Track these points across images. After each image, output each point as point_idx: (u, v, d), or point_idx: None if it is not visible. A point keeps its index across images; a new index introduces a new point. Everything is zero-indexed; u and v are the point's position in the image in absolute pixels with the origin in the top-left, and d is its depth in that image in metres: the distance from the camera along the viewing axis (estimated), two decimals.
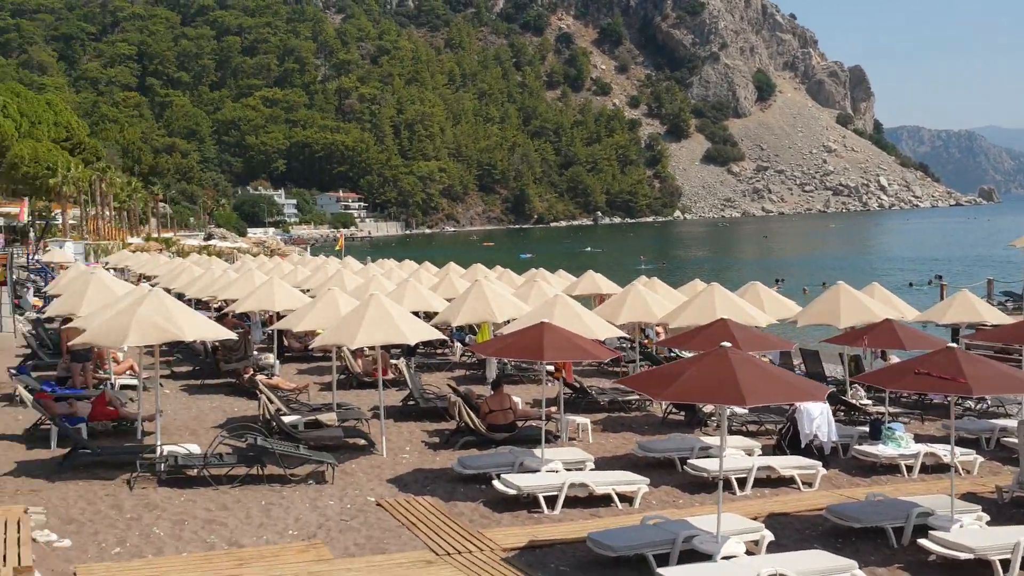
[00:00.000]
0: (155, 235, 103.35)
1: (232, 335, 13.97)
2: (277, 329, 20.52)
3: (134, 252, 52.50)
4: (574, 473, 12.25)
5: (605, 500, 12.00)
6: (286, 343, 23.01)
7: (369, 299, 14.09)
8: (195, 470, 12.55)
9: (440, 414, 17.37)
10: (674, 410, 17.50)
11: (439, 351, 26.12)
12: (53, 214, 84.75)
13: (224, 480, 12.57)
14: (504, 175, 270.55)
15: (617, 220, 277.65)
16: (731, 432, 16.00)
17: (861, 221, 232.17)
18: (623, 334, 18.54)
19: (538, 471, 12.43)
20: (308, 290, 25.85)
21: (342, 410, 16.51)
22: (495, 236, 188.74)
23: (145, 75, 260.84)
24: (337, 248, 79.32)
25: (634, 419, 17.77)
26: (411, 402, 17.75)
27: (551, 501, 11.62)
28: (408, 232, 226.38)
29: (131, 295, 13.89)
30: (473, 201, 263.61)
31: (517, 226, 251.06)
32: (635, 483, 12.13)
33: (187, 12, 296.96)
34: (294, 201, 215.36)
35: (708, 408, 17.23)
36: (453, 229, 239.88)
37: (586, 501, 11.94)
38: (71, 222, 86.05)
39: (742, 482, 12.72)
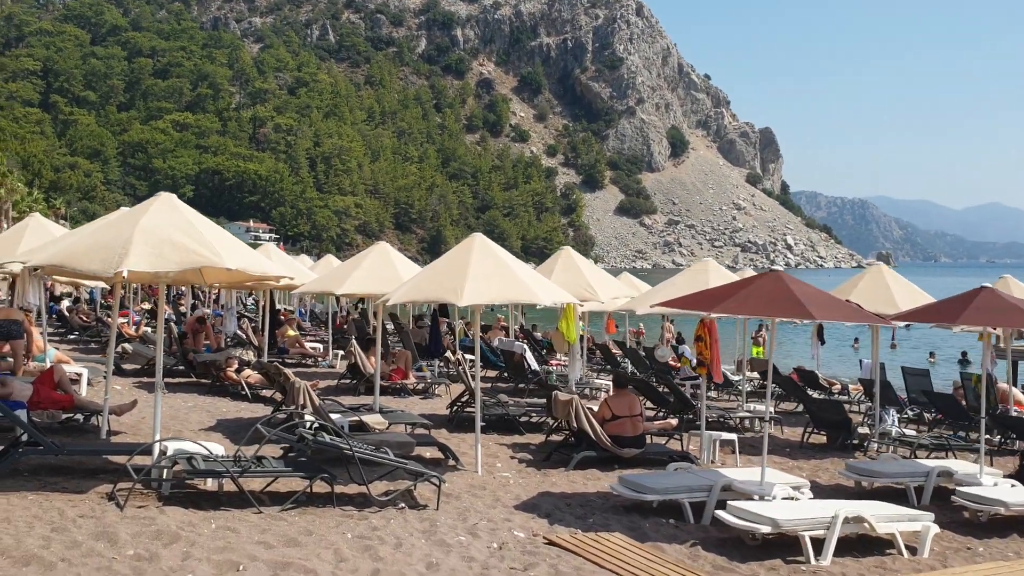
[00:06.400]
0: None
1: (278, 273, 9.27)
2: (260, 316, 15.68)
3: None
4: (844, 503, 7.95)
5: (878, 545, 7.75)
6: (281, 339, 18.02)
7: (472, 241, 9.56)
8: (217, 481, 7.79)
9: (508, 425, 12.97)
10: (815, 431, 13.46)
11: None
12: None
13: (265, 499, 7.86)
14: (421, 215, 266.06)
15: (532, 265, 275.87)
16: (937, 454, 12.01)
17: None
18: None
19: (770, 498, 8.08)
20: None
21: (385, 413, 11.91)
22: None
23: (49, 92, 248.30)
24: None
25: (756, 440, 13.63)
26: (468, 409, 13.22)
27: (817, 544, 7.30)
28: None
29: (123, 209, 9.03)
30: (389, 239, 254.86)
31: None
32: (919, 519, 7.90)
33: (98, 31, 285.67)
34: None
35: (864, 429, 13.24)
36: None
37: (854, 545, 7.67)
38: None
39: None
